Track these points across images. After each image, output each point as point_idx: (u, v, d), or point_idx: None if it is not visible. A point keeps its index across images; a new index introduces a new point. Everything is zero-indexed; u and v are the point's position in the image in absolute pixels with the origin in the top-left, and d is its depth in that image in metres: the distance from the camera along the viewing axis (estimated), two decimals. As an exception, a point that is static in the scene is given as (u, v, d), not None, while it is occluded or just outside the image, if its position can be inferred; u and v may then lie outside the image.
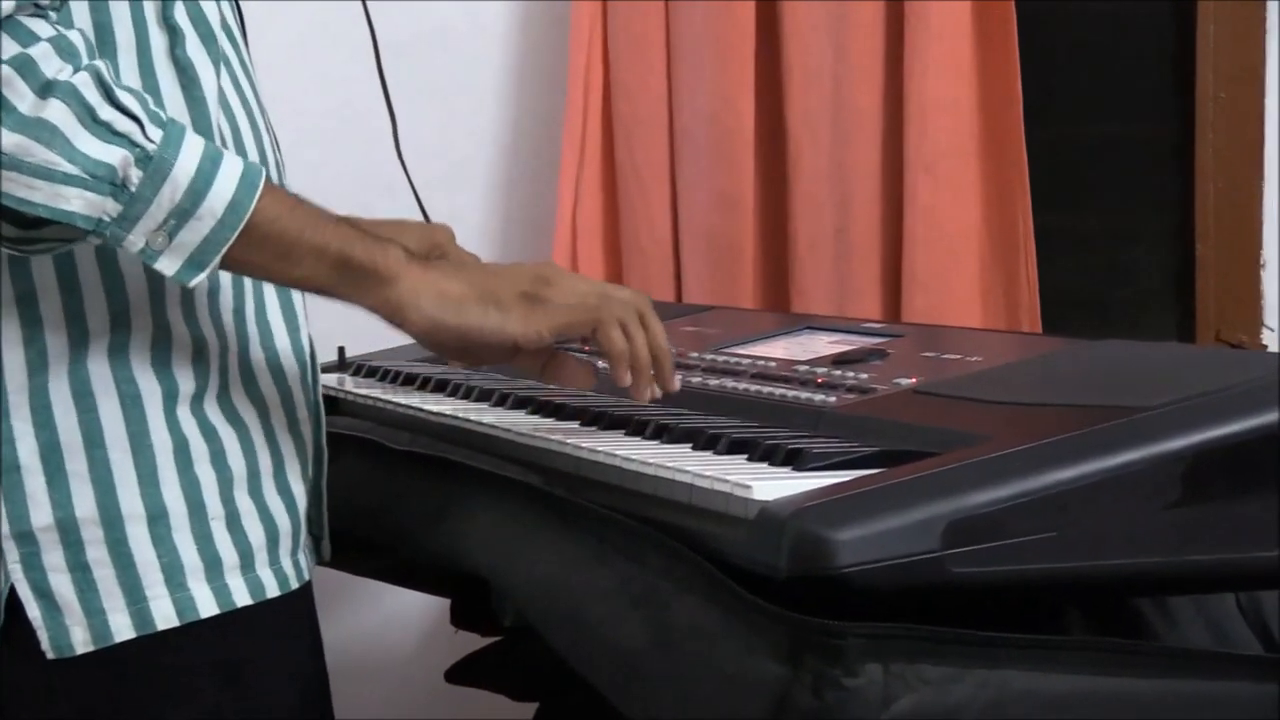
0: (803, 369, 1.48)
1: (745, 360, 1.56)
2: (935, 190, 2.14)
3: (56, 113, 1.12)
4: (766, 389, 1.43)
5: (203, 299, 1.28)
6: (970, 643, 1.02)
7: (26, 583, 1.24)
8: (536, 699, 2.05)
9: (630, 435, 1.33)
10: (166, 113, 1.18)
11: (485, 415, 1.47)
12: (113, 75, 1.16)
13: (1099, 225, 2.34)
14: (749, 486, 1.09)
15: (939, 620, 1.01)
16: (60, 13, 1.20)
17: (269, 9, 2.05)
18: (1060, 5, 2.32)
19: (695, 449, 1.26)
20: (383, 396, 1.66)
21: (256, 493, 1.30)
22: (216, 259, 1.18)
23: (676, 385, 1.32)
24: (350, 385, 1.76)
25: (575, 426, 1.39)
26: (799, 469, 1.15)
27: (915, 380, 1.37)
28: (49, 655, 1.24)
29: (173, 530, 1.26)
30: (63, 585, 1.24)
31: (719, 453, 1.23)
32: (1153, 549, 1.10)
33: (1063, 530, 1.06)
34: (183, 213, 1.16)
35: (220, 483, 1.28)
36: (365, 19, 1.64)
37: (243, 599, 1.28)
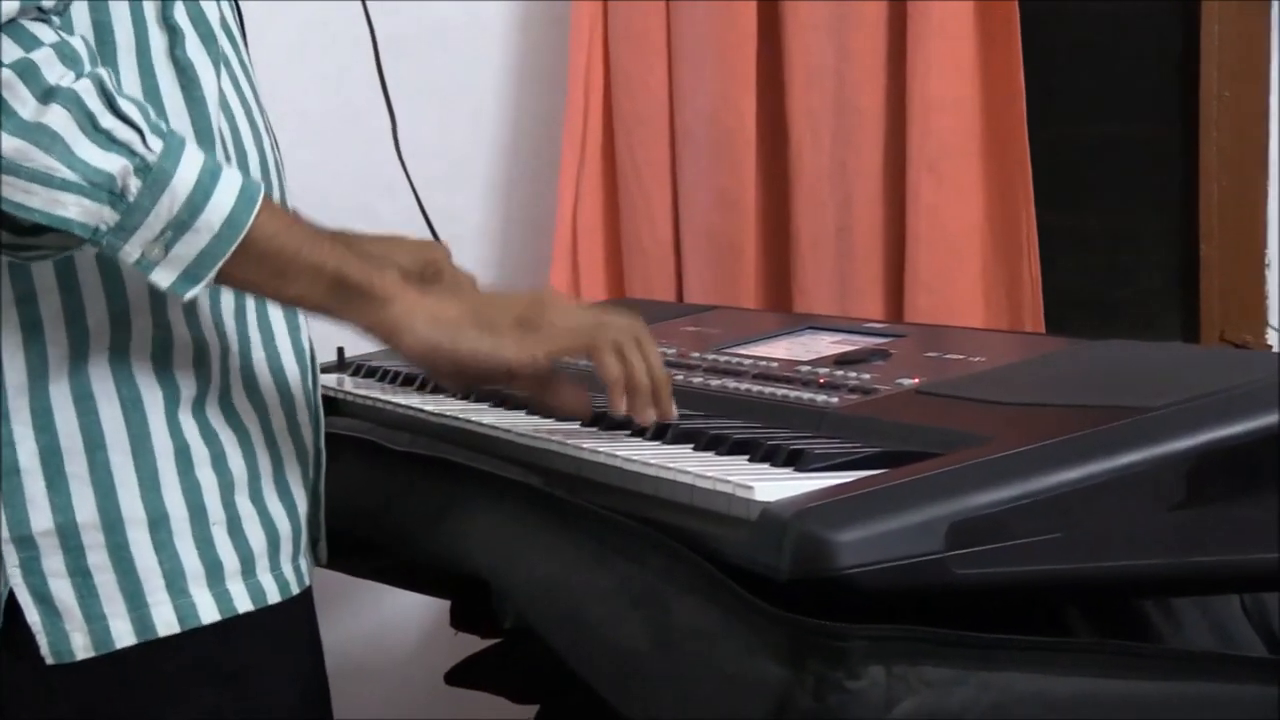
0: (805, 369, 1.47)
1: (747, 360, 1.56)
2: (938, 189, 2.13)
3: (57, 119, 1.12)
4: (768, 389, 1.43)
5: (204, 301, 1.28)
6: (973, 645, 1.01)
7: (26, 588, 1.23)
8: (537, 701, 2.05)
9: (631, 436, 1.33)
10: (167, 119, 1.17)
11: (485, 416, 1.47)
12: (115, 84, 1.16)
13: (1102, 225, 2.34)
14: (751, 487, 1.08)
15: (941, 622, 1.01)
16: (63, 17, 1.19)
17: (269, 9, 2.05)
18: (1063, 4, 2.31)
19: (696, 450, 1.25)
20: (382, 397, 1.66)
21: (257, 497, 1.30)
22: (212, 273, 1.18)
23: (675, 414, 1.31)
24: (350, 386, 1.76)
25: (575, 427, 1.39)
26: (801, 470, 1.14)
27: (918, 380, 1.36)
28: (49, 661, 1.24)
29: (174, 535, 1.25)
30: (63, 590, 1.23)
31: (720, 453, 1.23)
32: (1156, 550, 1.09)
33: (1066, 531, 1.06)
34: (180, 224, 1.16)
35: (221, 487, 1.28)
36: (365, 18, 1.64)
37: (244, 605, 1.28)
